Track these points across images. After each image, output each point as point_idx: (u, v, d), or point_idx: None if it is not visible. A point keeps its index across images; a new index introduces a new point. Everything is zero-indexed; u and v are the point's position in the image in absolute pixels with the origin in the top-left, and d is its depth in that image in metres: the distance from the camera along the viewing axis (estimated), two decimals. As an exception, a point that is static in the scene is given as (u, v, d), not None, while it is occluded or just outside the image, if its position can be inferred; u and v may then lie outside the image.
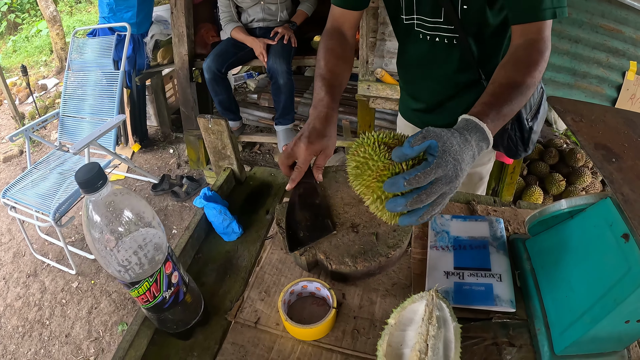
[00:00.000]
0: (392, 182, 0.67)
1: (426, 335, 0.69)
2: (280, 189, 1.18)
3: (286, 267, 0.94)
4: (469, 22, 1.06)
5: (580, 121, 0.75)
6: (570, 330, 0.69)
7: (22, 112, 4.51)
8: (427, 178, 0.65)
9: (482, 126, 0.75)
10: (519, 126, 1.23)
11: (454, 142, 0.69)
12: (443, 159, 0.66)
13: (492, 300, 0.80)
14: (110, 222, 0.59)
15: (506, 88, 0.85)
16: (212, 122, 1.08)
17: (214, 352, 0.80)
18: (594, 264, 0.69)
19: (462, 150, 0.70)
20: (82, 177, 0.56)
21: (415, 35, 1.16)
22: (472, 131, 0.74)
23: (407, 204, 0.67)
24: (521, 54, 0.91)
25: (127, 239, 0.61)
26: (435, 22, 1.09)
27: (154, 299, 0.69)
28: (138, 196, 0.64)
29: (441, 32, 1.11)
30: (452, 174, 0.67)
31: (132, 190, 0.63)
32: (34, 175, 2.67)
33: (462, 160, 0.69)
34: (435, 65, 1.20)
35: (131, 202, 0.61)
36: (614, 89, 2.57)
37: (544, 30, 0.91)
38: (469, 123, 0.76)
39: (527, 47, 0.91)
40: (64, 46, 5.62)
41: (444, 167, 0.66)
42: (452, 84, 1.22)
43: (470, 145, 0.72)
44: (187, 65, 3.04)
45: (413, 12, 1.11)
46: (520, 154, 1.30)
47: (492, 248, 0.90)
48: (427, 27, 1.12)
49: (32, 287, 2.63)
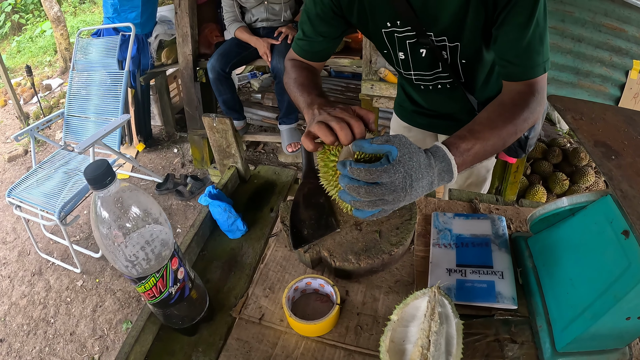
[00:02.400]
0: (342, 164, 0.71)
1: (428, 331, 0.69)
2: (284, 187, 1.19)
3: (290, 264, 0.95)
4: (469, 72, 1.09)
5: (580, 119, 0.76)
6: (571, 327, 0.69)
7: (26, 112, 4.54)
8: (370, 176, 0.67)
9: (449, 158, 0.75)
10: None
11: (416, 160, 0.70)
12: (394, 168, 0.67)
13: (494, 297, 0.81)
14: (119, 218, 0.60)
15: (484, 128, 0.84)
16: (217, 121, 1.09)
17: (219, 348, 0.81)
18: (595, 261, 0.69)
19: (420, 170, 0.70)
20: (91, 174, 0.57)
21: (417, 87, 1.20)
22: (438, 159, 0.74)
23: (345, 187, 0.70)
24: (507, 101, 0.91)
25: (135, 235, 0.62)
26: (434, 73, 1.11)
27: (160, 294, 0.70)
28: (145, 193, 0.65)
29: (442, 79, 1.13)
30: (399, 184, 0.68)
31: (138, 186, 0.63)
32: (39, 175, 2.68)
33: (416, 179, 0.70)
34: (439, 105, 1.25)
35: (139, 198, 0.62)
36: (617, 88, 2.56)
37: (534, 84, 0.91)
38: (438, 151, 0.76)
39: (513, 96, 0.91)
40: (68, 46, 5.65)
41: (391, 174, 0.67)
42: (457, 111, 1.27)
43: (431, 171, 0.73)
44: (191, 65, 3.06)
45: (410, 69, 1.13)
46: (519, 155, 1.33)
47: (494, 246, 0.91)
48: (427, 79, 1.14)
49: (37, 285, 2.65)
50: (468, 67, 1.07)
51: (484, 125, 0.85)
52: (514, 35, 0.88)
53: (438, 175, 0.74)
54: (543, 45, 0.89)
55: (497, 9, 0.87)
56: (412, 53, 1.07)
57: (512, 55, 0.90)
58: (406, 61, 1.10)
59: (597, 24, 2.44)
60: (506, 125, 0.85)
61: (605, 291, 0.64)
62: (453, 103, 1.24)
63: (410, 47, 1.05)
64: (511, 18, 0.86)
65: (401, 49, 1.07)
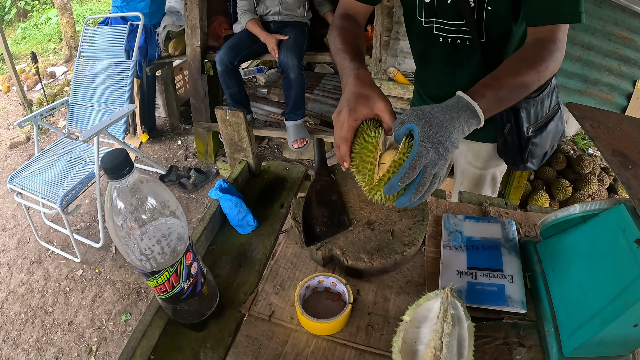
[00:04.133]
0: (390, 186, 0.74)
1: (441, 332, 0.70)
2: (294, 183, 1.18)
3: (301, 262, 0.94)
4: (492, 24, 1.05)
5: (598, 128, 0.77)
6: (579, 332, 0.70)
7: (29, 99, 4.52)
8: (415, 171, 0.71)
9: (472, 104, 0.77)
10: (517, 132, 1.22)
11: (436, 123, 0.73)
12: (424, 147, 0.71)
13: (503, 301, 0.81)
14: (135, 210, 0.59)
15: (507, 74, 0.86)
16: (230, 113, 1.07)
17: (227, 345, 0.79)
18: (606, 268, 0.70)
19: (445, 129, 0.73)
20: (108, 163, 0.55)
21: (435, 39, 1.14)
22: (461, 109, 0.76)
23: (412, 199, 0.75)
24: (528, 49, 0.92)
25: (151, 228, 0.60)
26: (457, 24, 1.08)
27: (172, 289, 0.69)
28: (163, 184, 0.63)
29: (463, 34, 1.10)
30: (435, 157, 0.72)
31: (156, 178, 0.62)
32: (42, 162, 2.66)
33: (445, 139, 0.73)
34: (456, 67, 1.19)
35: (156, 190, 0.61)
36: (624, 97, 2.57)
37: (556, 31, 0.91)
38: (460, 101, 0.78)
39: (535, 44, 0.92)
40: (74, 34, 5.62)
41: (425, 155, 0.71)
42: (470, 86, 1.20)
43: (457, 123, 0.75)
44: (199, 57, 3.04)
45: (433, 15, 1.10)
46: (518, 164, 1.30)
47: (504, 249, 0.91)
48: (448, 29, 1.10)
49: (35, 273, 2.63)
50: (492, 20, 1.04)
51: (507, 72, 0.87)
52: None
53: (466, 123, 0.76)
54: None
55: None
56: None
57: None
58: (430, 5, 1.08)
59: (607, 32, 2.44)
60: (529, 72, 0.87)
61: (616, 298, 0.64)
62: (466, 73, 1.18)
63: None
64: None
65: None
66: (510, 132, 1.23)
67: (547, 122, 1.23)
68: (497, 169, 1.45)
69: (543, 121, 1.23)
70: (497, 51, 1.11)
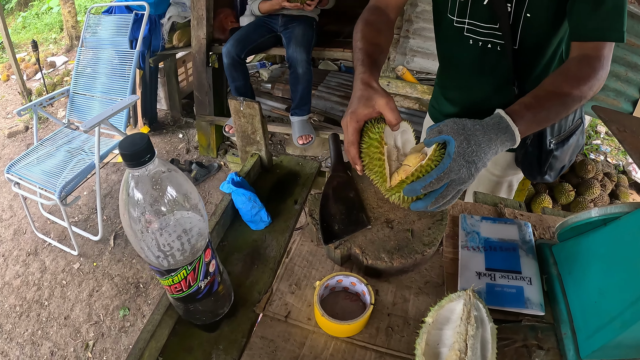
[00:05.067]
0: (411, 189, 0.74)
1: (465, 334, 0.69)
2: (308, 179, 1.14)
3: (317, 260, 0.91)
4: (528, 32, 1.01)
5: (624, 131, 0.78)
6: (598, 335, 0.69)
7: (29, 88, 4.45)
8: (441, 183, 0.72)
9: (512, 128, 0.76)
10: (539, 143, 1.19)
11: (474, 142, 0.73)
12: (457, 163, 0.71)
13: (522, 303, 0.81)
14: (155, 202, 0.53)
15: (549, 94, 0.85)
16: (245, 104, 1.03)
17: (242, 346, 0.75)
18: (627, 271, 0.69)
19: (481, 149, 0.73)
20: (127, 149, 0.50)
21: (464, 41, 1.10)
22: (500, 131, 0.76)
23: (429, 207, 0.76)
24: (573, 66, 0.90)
25: (172, 222, 0.55)
26: (490, 28, 1.04)
27: (188, 288, 0.64)
28: (184, 175, 0.58)
29: (494, 38, 1.06)
30: (466, 176, 0.72)
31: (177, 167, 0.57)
32: (40, 152, 2.61)
33: (478, 160, 0.73)
34: (483, 73, 1.15)
35: (178, 180, 0.56)
36: (630, 104, 2.56)
37: (602, 49, 0.89)
38: (501, 122, 0.77)
39: (580, 60, 0.90)
40: (75, 24, 5.56)
41: (456, 171, 0.71)
42: (495, 92, 1.17)
43: (493, 144, 0.75)
44: (204, 49, 3.00)
45: (465, 16, 1.06)
46: (535, 176, 1.27)
47: (521, 251, 0.91)
48: (480, 32, 1.06)
49: (31, 266, 2.58)
50: (529, 27, 1.00)
51: (549, 91, 0.85)
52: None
53: (501, 145, 0.76)
54: (622, 15, 0.87)
55: None
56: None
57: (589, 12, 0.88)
58: (464, 5, 1.04)
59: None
60: (572, 91, 0.85)
61: (637, 301, 0.64)
62: (493, 80, 1.15)
63: None
64: None
65: None
66: (532, 143, 1.20)
67: (570, 136, 1.21)
68: (514, 177, 1.42)
69: (566, 134, 1.21)
70: (528, 60, 1.07)
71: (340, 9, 3.18)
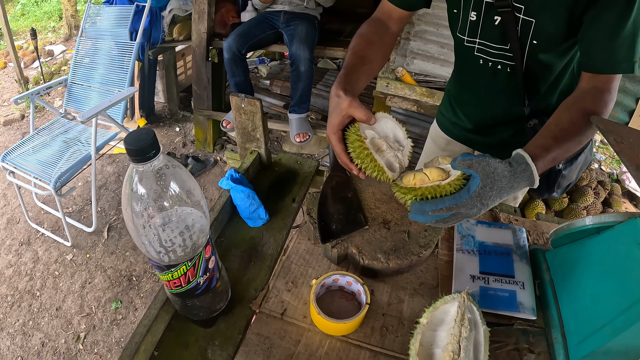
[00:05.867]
0: (420, 208, 0.74)
1: (459, 336, 0.70)
2: (306, 177, 1.14)
3: (314, 258, 0.91)
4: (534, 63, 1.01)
5: (621, 142, 0.78)
6: (588, 341, 0.71)
7: (26, 76, 4.41)
8: (449, 212, 0.72)
9: (532, 170, 0.76)
10: None
11: (497, 188, 0.73)
12: (472, 201, 0.72)
13: (515, 307, 0.82)
14: (159, 197, 0.54)
15: (567, 134, 0.84)
16: (246, 101, 1.03)
17: (237, 342, 0.76)
18: (618, 279, 0.71)
19: (499, 195, 0.73)
20: (133, 144, 0.50)
21: (474, 60, 1.09)
22: (523, 180, 0.76)
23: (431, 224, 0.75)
24: (588, 102, 0.89)
25: (175, 218, 0.55)
26: (500, 49, 1.03)
27: (187, 284, 0.64)
28: (187, 171, 0.58)
29: (504, 59, 1.05)
30: (473, 214, 0.73)
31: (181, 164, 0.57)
32: (36, 141, 2.59)
33: (492, 203, 0.74)
34: (494, 94, 1.15)
35: (182, 177, 0.56)
36: (627, 114, 2.58)
37: (612, 81, 0.90)
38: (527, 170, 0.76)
39: (594, 94, 0.89)
40: (75, 13, 5.51)
41: (468, 207, 0.72)
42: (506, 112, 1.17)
43: (512, 191, 0.75)
44: (205, 43, 2.98)
45: (476, 36, 1.04)
46: (543, 193, 1.26)
47: (515, 256, 0.92)
48: (490, 52, 1.05)
49: (24, 255, 2.56)
50: (536, 52, 0.99)
51: (567, 131, 0.85)
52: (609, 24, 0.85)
53: (519, 189, 0.76)
54: (635, 45, 0.87)
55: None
56: (486, 16, 1.00)
57: (603, 43, 0.87)
58: (475, 24, 1.02)
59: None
60: (587, 129, 0.85)
61: (627, 309, 0.66)
62: (504, 100, 1.14)
63: (486, 8, 0.99)
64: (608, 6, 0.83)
65: (475, 7, 1.00)
66: None
67: (579, 154, 1.18)
68: (520, 192, 1.40)
69: (575, 154, 1.18)
70: (536, 81, 1.07)
71: (342, 7, 3.19)
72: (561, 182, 1.20)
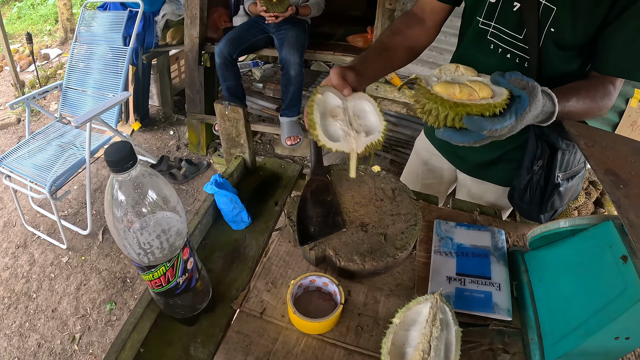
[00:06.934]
0: (477, 125, 0.72)
1: (429, 336, 0.72)
2: (289, 181, 1.18)
3: (293, 260, 0.95)
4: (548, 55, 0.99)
5: (592, 146, 0.79)
6: (562, 342, 0.72)
7: (22, 80, 4.44)
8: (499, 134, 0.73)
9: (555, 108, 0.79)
10: (547, 174, 1.12)
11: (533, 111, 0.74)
12: (518, 124, 0.73)
13: (490, 308, 0.84)
14: (136, 204, 0.58)
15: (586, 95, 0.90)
16: (230, 109, 1.07)
17: (218, 340, 0.80)
18: (592, 281, 0.72)
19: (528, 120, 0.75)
20: (112, 156, 0.54)
21: (486, 44, 1.07)
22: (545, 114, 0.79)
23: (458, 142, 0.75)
24: (600, 90, 0.93)
25: (152, 223, 0.60)
26: (513, 36, 1.01)
27: (167, 283, 0.69)
28: (164, 179, 0.63)
29: (515, 49, 1.03)
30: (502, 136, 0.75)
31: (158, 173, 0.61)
32: (32, 146, 2.63)
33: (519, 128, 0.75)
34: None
35: (158, 184, 0.60)
36: (616, 115, 2.59)
37: (620, 82, 0.95)
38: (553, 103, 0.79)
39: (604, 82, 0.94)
40: (70, 17, 5.55)
41: (512, 130, 0.74)
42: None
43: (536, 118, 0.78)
44: (197, 48, 3.02)
45: (492, 19, 1.03)
46: (533, 211, 1.19)
47: (493, 258, 0.94)
48: (502, 38, 1.03)
49: (20, 258, 2.60)
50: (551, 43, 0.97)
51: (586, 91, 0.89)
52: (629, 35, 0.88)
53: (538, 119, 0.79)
54: None
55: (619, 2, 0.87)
56: (505, 0, 0.99)
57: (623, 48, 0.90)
58: (494, 7, 1.01)
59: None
60: (597, 103, 0.90)
61: (600, 311, 0.67)
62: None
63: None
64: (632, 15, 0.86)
65: None
66: (540, 170, 1.13)
67: (574, 176, 1.16)
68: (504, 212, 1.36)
69: (571, 173, 1.15)
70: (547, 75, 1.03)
71: (334, 10, 3.22)
72: (554, 202, 1.16)
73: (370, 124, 0.91)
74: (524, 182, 1.15)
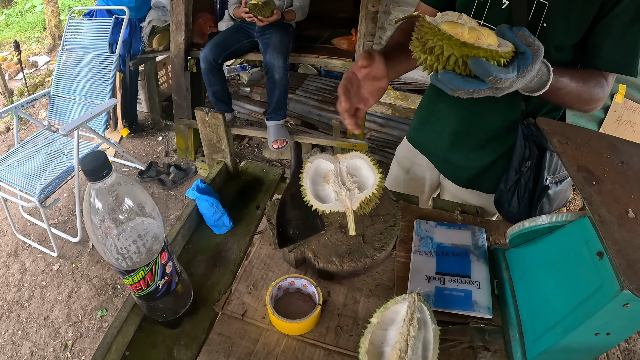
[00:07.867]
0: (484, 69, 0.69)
1: (407, 335, 0.73)
2: (271, 185, 1.20)
3: (274, 263, 0.96)
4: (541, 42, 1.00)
5: (566, 143, 0.79)
6: (543, 339, 0.73)
7: (10, 88, 4.43)
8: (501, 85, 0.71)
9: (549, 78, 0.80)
10: (536, 176, 1.11)
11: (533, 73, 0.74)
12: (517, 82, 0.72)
13: (470, 306, 0.85)
14: (113, 211, 0.61)
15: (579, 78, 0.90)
16: (210, 115, 1.09)
17: (201, 342, 0.81)
18: (569, 278, 0.72)
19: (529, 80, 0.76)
20: (88, 165, 0.57)
21: None
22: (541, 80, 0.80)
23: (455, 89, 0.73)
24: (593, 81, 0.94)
25: (128, 228, 0.62)
26: None
27: (147, 287, 0.71)
28: (140, 186, 0.65)
29: None
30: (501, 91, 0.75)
31: (134, 180, 0.64)
32: (21, 154, 2.63)
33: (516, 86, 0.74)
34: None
35: (134, 191, 0.63)
36: (602, 110, 2.61)
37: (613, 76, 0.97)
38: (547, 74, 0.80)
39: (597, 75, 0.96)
40: (58, 24, 5.53)
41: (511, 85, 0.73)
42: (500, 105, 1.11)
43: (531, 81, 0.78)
44: (183, 53, 3.03)
45: (481, 17, 1.02)
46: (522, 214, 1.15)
47: (473, 256, 0.95)
48: None
49: (12, 267, 2.60)
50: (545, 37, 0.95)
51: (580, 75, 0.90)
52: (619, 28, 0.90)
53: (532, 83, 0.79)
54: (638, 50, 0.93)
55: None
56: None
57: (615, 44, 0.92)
58: (482, 6, 1.01)
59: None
60: (590, 89, 0.91)
61: (577, 307, 0.67)
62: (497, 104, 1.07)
63: None
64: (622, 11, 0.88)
65: None
66: (528, 172, 1.11)
67: (562, 180, 1.15)
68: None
69: (560, 177, 1.14)
70: None
71: (320, 13, 3.24)
72: (543, 205, 1.14)
73: (365, 179, 0.97)
74: (512, 183, 1.14)
